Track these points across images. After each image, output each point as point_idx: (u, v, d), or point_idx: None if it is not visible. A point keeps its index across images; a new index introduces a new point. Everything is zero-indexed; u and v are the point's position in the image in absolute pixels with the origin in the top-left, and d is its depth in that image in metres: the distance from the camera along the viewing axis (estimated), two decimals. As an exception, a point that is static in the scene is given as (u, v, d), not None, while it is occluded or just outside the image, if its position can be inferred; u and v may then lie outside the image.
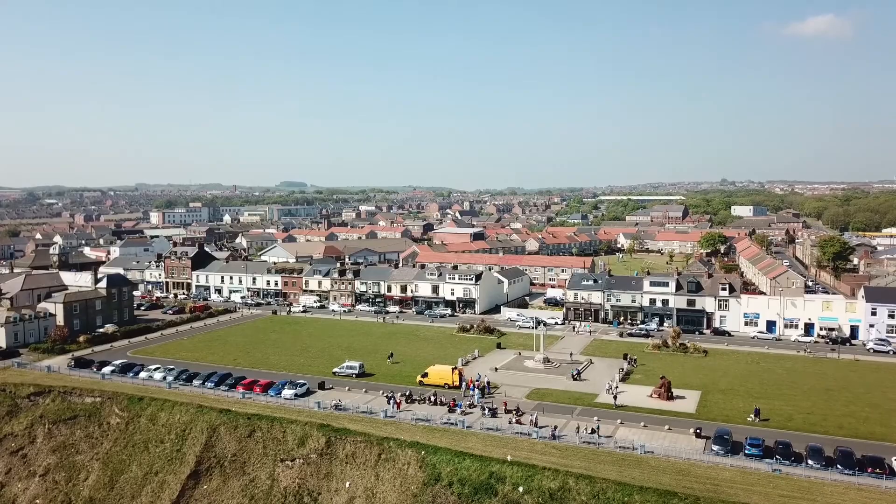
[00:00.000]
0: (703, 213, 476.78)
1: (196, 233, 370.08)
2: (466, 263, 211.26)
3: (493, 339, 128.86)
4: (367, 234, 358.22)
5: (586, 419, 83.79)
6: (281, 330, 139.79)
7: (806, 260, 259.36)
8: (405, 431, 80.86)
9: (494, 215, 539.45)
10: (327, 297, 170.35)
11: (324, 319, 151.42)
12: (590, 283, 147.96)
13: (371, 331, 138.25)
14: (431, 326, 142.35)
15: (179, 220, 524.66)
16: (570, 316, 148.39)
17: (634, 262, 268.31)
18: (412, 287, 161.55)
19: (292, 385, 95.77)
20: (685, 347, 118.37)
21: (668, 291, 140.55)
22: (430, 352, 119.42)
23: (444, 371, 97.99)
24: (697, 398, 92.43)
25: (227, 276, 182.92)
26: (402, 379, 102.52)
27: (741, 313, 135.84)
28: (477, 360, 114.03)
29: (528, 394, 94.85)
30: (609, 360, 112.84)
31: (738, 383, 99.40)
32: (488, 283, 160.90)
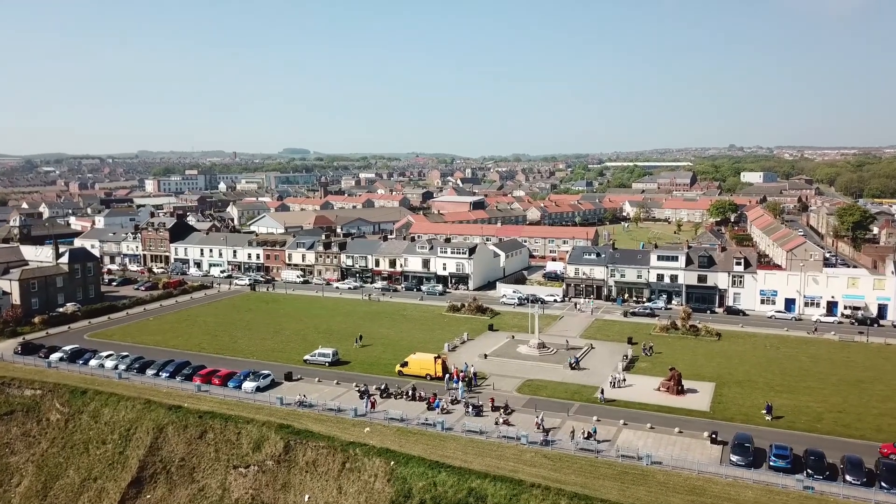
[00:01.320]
0: (712, 180, 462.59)
1: (187, 201, 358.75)
2: (462, 235, 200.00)
3: (486, 319, 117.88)
4: (364, 202, 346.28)
5: (584, 419, 73.09)
6: (256, 309, 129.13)
7: (821, 229, 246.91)
8: (375, 434, 70.29)
9: (497, 183, 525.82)
10: (312, 271, 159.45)
11: (305, 297, 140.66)
12: (591, 256, 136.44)
13: (354, 310, 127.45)
14: (420, 305, 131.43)
15: (175, 188, 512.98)
16: (570, 293, 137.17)
17: (640, 231, 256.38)
18: (401, 261, 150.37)
19: (255, 376, 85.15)
20: (696, 330, 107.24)
21: (677, 266, 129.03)
22: (416, 335, 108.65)
23: (426, 360, 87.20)
24: (711, 392, 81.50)
25: (206, 248, 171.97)
26: (381, 368, 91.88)
27: (757, 290, 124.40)
28: (466, 344, 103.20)
29: (518, 386, 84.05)
30: (611, 346, 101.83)
31: (757, 373, 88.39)
32: (483, 258, 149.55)
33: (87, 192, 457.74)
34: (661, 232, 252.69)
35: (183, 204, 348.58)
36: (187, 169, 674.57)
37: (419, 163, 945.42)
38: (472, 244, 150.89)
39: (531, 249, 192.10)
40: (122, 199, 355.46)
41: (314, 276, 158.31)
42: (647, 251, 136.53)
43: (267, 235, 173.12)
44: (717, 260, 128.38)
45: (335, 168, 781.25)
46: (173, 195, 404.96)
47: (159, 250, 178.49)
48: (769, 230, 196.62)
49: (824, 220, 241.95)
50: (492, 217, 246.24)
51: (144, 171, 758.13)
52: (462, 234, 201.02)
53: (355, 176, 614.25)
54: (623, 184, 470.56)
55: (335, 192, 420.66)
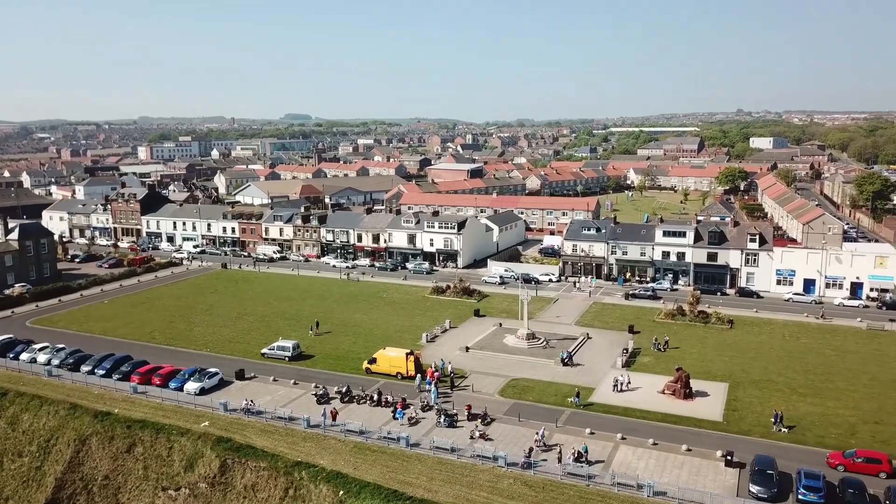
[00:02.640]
0: (720, 146, 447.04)
1: (176, 169, 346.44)
2: (456, 206, 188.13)
3: (472, 303, 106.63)
4: (358, 170, 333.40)
5: (575, 431, 62.22)
6: (224, 290, 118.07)
7: (836, 198, 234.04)
8: (328, 452, 59.56)
9: (498, 149, 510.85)
10: (290, 246, 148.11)
11: (279, 275, 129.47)
12: (591, 232, 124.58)
13: (329, 291, 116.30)
14: (402, 286, 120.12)
15: (168, 155, 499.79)
16: (567, 271, 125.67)
17: (645, 201, 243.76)
18: (385, 236, 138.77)
19: (200, 375, 74.29)
20: (705, 316, 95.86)
21: (684, 243, 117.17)
22: (393, 322, 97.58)
23: (397, 357, 76.09)
24: (724, 395, 70.37)
25: (179, 221, 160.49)
26: (348, 363, 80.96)
27: (773, 270, 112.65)
28: (448, 333, 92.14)
29: (502, 387, 73.01)
30: (611, 335, 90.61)
31: (775, 370, 77.18)
32: (473, 232, 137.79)
33: (77, 159, 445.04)
34: (666, 201, 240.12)
35: (171, 172, 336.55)
36: (182, 135, 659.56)
37: (421, 128, 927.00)
38: (461, 218, 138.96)
39: (528, 222, 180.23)
40: (108, 167, 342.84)
41: (292, 251, 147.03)
42: (651, 226, 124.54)
43: (243, 207, 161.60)
44: (728, 236, 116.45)
45: (334, 134, 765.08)
46: (161, 163, 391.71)
47: (130, 223, 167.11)
48: (783, 200, 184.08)
49: (840, 188, 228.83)
50: (489, 186, 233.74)
51: (140, 137, 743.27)
52: (455, 206, 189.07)
53: (353, 142, 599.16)
54: (628, 150, 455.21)
55: (330, 159, 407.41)
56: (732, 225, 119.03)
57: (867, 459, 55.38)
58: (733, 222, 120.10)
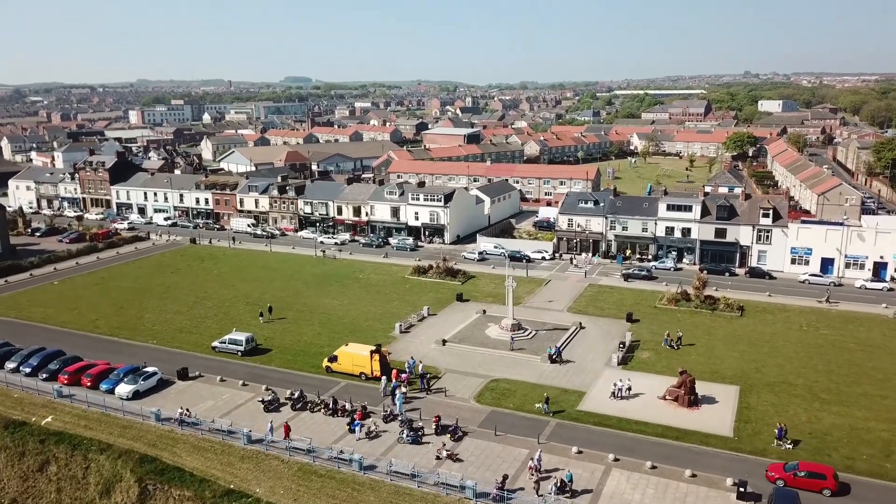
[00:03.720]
0: (728, 109, 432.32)
1: (163, 134, 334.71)
2: (448, 175, 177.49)
3: (456, 285, 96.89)
4: (352, 135, 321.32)
5: (560, 449, 52.95)
6: (186, 269, 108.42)
7: (849, 164, 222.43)
8: (267, 476, 50.45)
9: (498, 112, 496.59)
10: (266, 219, 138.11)
11: (249, 252, 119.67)
12: (588, 205, 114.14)
13: (302, 270, 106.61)
14: (381, 264, 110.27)
15: (160, 119, 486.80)
16: (562, 248, 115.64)
17: (648, 168, 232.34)
18: (367, 209, 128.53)
19: (135, 376, 64.99)
20: (713, 302, 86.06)
21: (690, 218, 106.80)
22: (366, 307, 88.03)
23: (360, 354, 66.50)
24: (734, 402, 60.91)
25: (150, 191, 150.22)
26: (309, 359, 71.59)
27: (787, 248, 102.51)
28: (426, 321, 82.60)
29: (479, 391, 63.59)
30: (606, 325, 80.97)
31: (794, 370, 67.62)
32: (462, 205, 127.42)
33: (67, 123, 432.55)
34: (671, 168, 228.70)
35: (158, 137, 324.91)
36: (173, 99, 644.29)
37: (420, 91, 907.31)
38: (448, 189, 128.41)
39: (524, 192, 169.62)
40: (92, 132, 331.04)
41: (268, 224, 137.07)
42: (654, 199, 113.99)
43: (217, 177, 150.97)
44: (739, 210, 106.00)
45: (331, 97, 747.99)
46: (149, 127, 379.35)
47: (99, 193, 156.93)
48: (795, 168, 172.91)
49: (854, 154, 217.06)
50: (484, 153, 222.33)
51: (135, 101, 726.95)
52: (447, 174, 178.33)
53: (350, 105, 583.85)
54: (632, 114, 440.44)
55: (323, 123, 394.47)
56: (743, 198, 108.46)
57: (810, 474, 47.71)
58: (744, 195, 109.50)
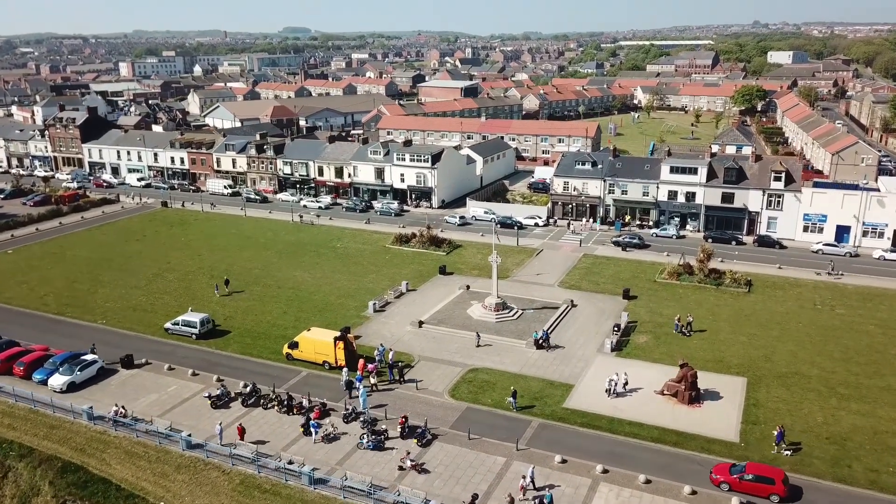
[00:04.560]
0: (736, 61, 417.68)
1: (151, 87, 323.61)
2: (440, 131, 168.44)
3: (440, 256, 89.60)
4: (345, 87, 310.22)
5: (542, 457, 46.33)
6: (154, 236, 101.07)
7: (863, 119, 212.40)
8: (203, 491, 44.00)
9: (499, 64, 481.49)
10: (244, 180, 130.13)
11: (223, 217, 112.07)
12: (586, 167, 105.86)
13: (276, 238, 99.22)
14: (362, 232, 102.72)
15: (151, 71, 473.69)
16: (556, 214, 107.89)
17: (652, 123, 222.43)
18: (350, 170, 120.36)
19: (72, 365, 58.23)
20: (718, 276, 78.68)
21: (695, 181, 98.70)
22: (339, 282, 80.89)
23: (323, 341, 59.43)
24: (741, 397, 54.05)
25: (124, 150, 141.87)
26: (270, 343, 64.74)
27: (800, 214, 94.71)
28: (403, 298, 75.50)
29: (454, 384, 56.72)
30: (601, 301, 73.78)
31: (807, 357, 60.64)
32: (451, 165, 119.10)
33: (55, 76, 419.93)
34: (675, 124, 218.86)
35: (145, 91, 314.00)
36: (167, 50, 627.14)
37: (420, 42, 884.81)
38: (436, 149, 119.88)
39: (520, 150, 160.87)
40: (76, 85, 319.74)
41: (246, 186, 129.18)
42: (656, 160, 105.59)
43: (193, 134, 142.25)
44: (748, 173, 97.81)
45: (328, 49, 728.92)
46: (137, 80, 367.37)
47: (71, 152, 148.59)
48: (807, 124, 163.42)
49: (869, 108, 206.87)
50: (481, 107, 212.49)
51: (128, 52, 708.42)
52: (440, 131, 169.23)
53: (347, 57, 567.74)
54: (637, 66, 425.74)
55: (317, 75, 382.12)
56: (753, 159, 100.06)
57: (757, 477, 42.36)
58: (754, 156, 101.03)
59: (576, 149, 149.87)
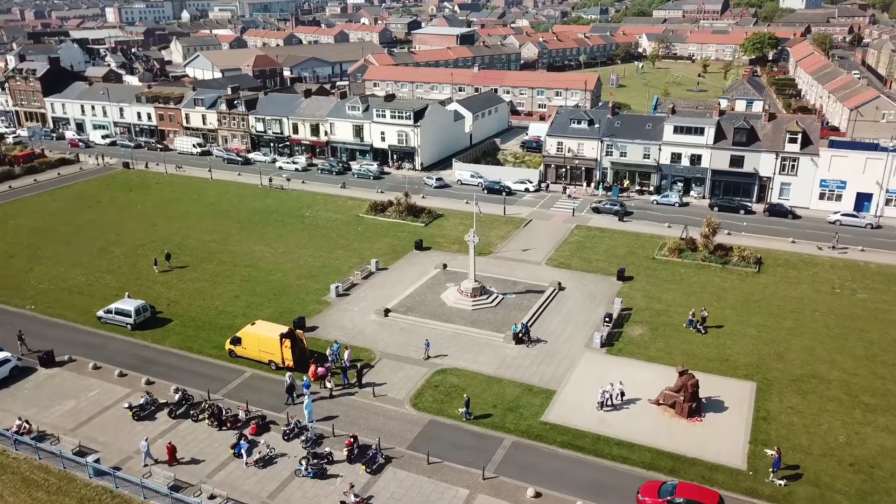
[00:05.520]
0: (746, 6, 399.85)
1: (133, 34, 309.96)
2: (430, 83, 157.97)
3: (418, 228, 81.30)
4: (337, 35, 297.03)
5: (513, 489, 39.01)
6: (109, 202, 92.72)
7: (881, 70, 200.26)
8: (104, 536, 36.81)
9: (499, 9, 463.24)
10: (215, 138, 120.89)
11: (189, 180, 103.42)
12: (582, 125, 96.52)
13: (241, 205, 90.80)
14: (336, 197, 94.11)
15: (139, 16, 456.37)
16: (549, 177, 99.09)
17: (657, 74, 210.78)
18: (326, 128, 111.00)
19: (-21, 365, 50.77)
20: (725, 253, 70.43)
21: (701, 142, 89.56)
22: (302, 258, 72.81)
23: (268, 338, 51.51)
24: (749, 409, 46.44)
25: (88, 105, 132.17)
26: (215, 334, 57.07)
27: (816, 180, 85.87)
28: (372, 278, 67.54)
29: (417, 391, 49.08)
30: (592, 283, 65.72)
31: (826, 355, 52.86)
32: (437, 123, 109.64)
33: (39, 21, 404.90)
34: (682, 75, 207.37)
35: (127, 38, 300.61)
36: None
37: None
38: (420, 104, 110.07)
39: (515, 103, 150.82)
40: (56, 32, 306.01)
41: (217, 144, 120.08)
42: (659, 118, 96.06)
43: (160, 88, 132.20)
44: (760, 133, 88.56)
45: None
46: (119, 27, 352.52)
47: (33, 106, 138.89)
48: (822, 75, 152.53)
49: (888, 58, 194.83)
50: (476, 56, 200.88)
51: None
52: (430, 82, 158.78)
53: (342, 2, 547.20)
54: (643, 11, 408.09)
55: (309, 22, 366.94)
56: (766, 118, 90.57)
57: (688, 501, 36.11)
58: (767, 114, 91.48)
59: (574, 103, 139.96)
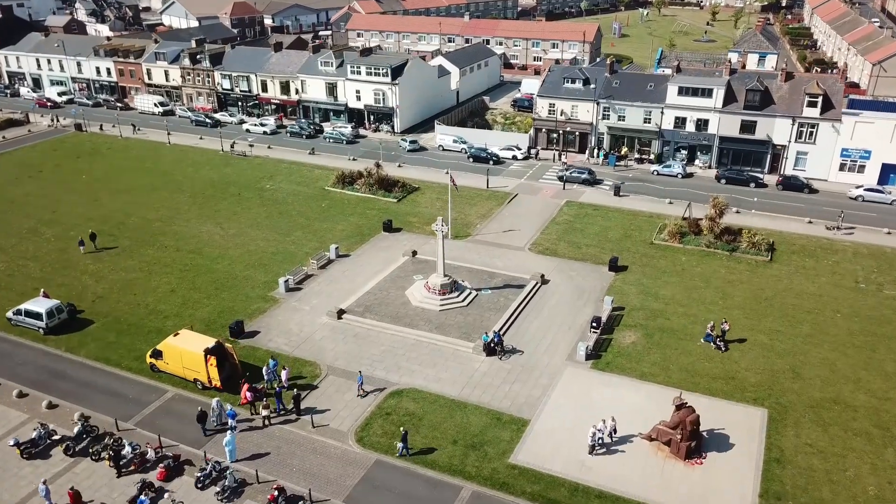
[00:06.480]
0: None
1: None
2: (418, 34, 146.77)
3: (389, 203, 72.71)
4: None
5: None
6: (52, 171, 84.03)
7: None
8: None
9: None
10: (179, 96, 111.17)
11: (145, 144, 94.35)
12: (576, 85, 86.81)
13: (197, 175, 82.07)
14: (302, 166, 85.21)
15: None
16: (539, 143, 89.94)
17: (663, 22, 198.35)
18: (297, 85, 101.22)
19: None
20: (733, 237, 61.98)
21: (708, 105, 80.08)
22: (257, 239, 64.49)
23: (192, 352, 43.51)
24: (759, 446, 38.76)
25: (44, 58, 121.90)
26: (138, 341, 49.21)
27: (837, 148, 76.72)
28: (330, 268, 59.38)
29: (366, 419, 41.36)
30: (580, 275, 57.45)
31: (850, 369, 44.98)
32: (419, 80, 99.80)
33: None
34: (689, 23, 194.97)
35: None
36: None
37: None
38: (399, 59, 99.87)
39: (508, 56, 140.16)
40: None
41: (181, 103, 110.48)
42: (662, 78, 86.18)
43: (120, 41, 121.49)
44: (775, 96, 79.01)
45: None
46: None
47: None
48: (840, 25, 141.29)
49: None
50: (470, 2, 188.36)
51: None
52: (417, 33, 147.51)
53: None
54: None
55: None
56: (783, 78, 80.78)
57: None
58: (784, 73, 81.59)
59: (572, 56, 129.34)
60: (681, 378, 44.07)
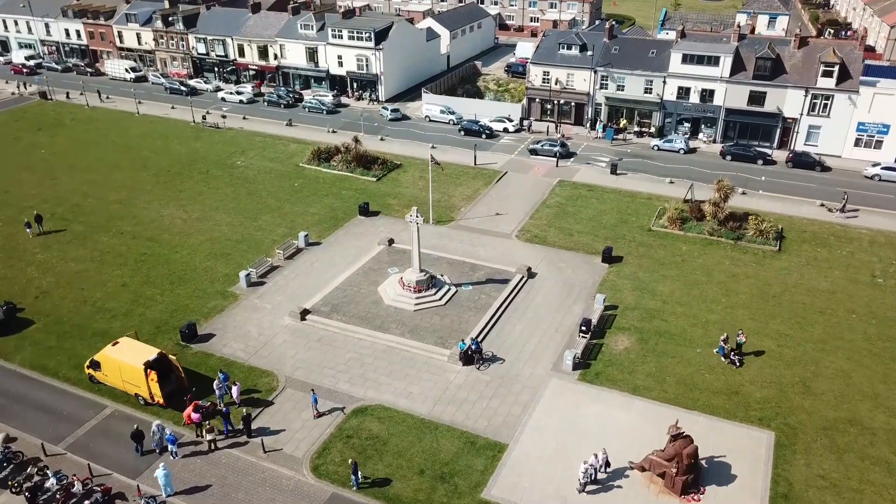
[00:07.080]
0: None
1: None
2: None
3: (368, 182, 67.39)
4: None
5: None
6: (10, 145, 78.53)
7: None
8: None
9: None
10: (153, 61, 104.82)
11: (113, 114, 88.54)
12: (572, 52, 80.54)
13: (164, 149, 76.58)
14: (278, 139, 79.51)
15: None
16: (532, 114, 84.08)
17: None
18: (276, 50, 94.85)
19: None
20: (738, 224, 56.87)
21: (715, 75, 74.03)
22: (218, 226, 59.43)
23: (132, 365, 38.78)
24: (765, 479, 34.35)
25: (10, 19, 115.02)
26: (81, 346, 44.61)
27: (853, 122, 70.96)
28: (297, 259, 54.44)
29: (322, 445, 36.84)
30: (570, 267, 52.46)
31: (867, 383, 40.41)
32: (405, 44, 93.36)
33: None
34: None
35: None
36: None
37: None
38: (383, 22, 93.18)
39: (504, 16, 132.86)
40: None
41: (155, 68, 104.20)
42: (665, 44, 79.80)
43: (89, 0, 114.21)
44: (787, 64, 72.90)
45: None
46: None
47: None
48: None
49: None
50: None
51: None
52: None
53: None
54: None
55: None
56: (797, 44, 74.49)
57: None
58: (798, 39, 75.23)
59: (570, 16, 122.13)
60: (678, 392, 39.53)
